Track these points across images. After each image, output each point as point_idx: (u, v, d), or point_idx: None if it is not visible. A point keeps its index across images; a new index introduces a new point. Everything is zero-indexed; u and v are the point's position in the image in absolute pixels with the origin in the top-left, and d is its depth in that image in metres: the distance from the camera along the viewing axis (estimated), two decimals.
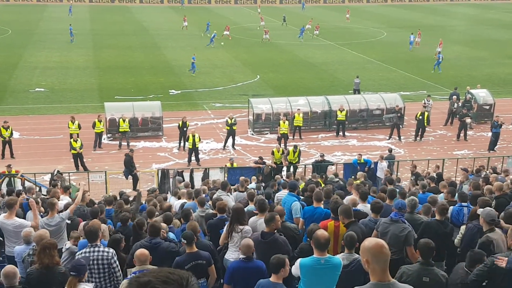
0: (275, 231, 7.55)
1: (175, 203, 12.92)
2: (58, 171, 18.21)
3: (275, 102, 28.48)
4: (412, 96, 34.16)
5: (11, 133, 23.02)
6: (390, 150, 22.37)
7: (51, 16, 63.64)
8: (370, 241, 4.01)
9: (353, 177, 18.23)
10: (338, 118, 27.09)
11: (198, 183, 18.33)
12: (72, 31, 48.43)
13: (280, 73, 39.31)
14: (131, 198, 14.47)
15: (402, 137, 27.01)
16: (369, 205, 9.03)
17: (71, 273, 5.60)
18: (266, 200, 9.19)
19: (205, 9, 74.94)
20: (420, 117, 26.60)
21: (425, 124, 26.87)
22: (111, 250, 7.13)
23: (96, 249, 7.04)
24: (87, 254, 6.95)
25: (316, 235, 6.02)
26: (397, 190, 10.98)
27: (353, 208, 8.52)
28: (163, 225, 8.45)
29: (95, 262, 6.95)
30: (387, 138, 27.05)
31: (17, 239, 8.83)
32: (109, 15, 66.02)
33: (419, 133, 26.93)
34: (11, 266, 6.54)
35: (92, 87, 34.30)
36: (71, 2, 71.03)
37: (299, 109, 27.03)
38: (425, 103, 28.86)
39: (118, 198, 14.44)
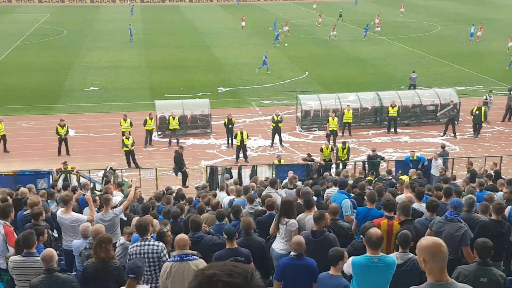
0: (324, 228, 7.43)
1: (224, 200, 12.93)
2: (111, 167, 18.64)
3: (324, 99, 28.10)
4: (468, 91, 32.95)
5: (67, 131, 23.76)
6: (443, 147, 21.61)
7: (104, 16, 65.46)
8: (427, 240, 3.82)
9: (400, 171, 17.74)
10: (389, 114, 26.43)
11: (246, 180, 18.30)
12: (132, 31, 49.38)
13: (329, 69, 38.82)
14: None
15: (457, 134, 26.07)
16: (424, 204, 8.69)
17: (129, 275, 5.66)
18: (313, 197, 9.03)
19: (255, 6, 75.02)
20: (477, 112, 25.57)
21: (482, 119, 25.81)
22: (161, 244, 7.20)
23: (147, 242, 7.12)
24: (138, 248, 7.03)
25: (369, 233, 5.83)
26: (453, 188, 10.52)
27: None
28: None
29: (146, 255, 7.04)
30: (442, 134, 26.18)
31: (74, 233, 9.05)
32: (160, 14, 67.24)
33: (476, 129, 25.91)
34: (49, 249, 6.78)
35: (143, 86, 34.99)
36: (132, 3, 72.75)
37: (348, 105, 26.57)
38: (486, 99, 27.73)
39: (165, 193, 14.64)
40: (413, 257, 6.25)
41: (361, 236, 7.47)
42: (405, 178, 16.17)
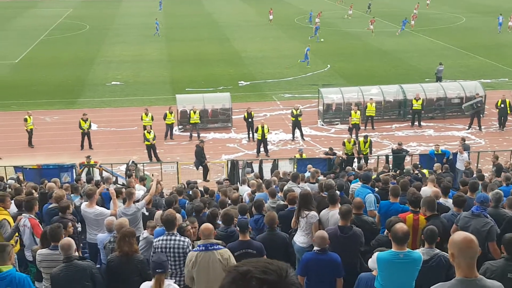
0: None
1: (244, 194, 12.87)
2: (133, 161, 18.73)
3: (346, 92, 27.80)
4: (493, 84, 32.26)
5: (90, 125, 23.98)
6: (464, 140, 21.15)
7: (126, 11, 65.85)
8: (459, 235, 3.72)
9: (420, 165, 17.43)
10: (413, 108, 26.02)
11: (267, 174, 18.22)
12: (158, 26, 49.33)
13: (351, 62, 38.40)
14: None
15: (482, 127, 25.55)
16: (450, 200, 8.48)
17: (157, 270, 5.67)
18: (337, 192, 8.90)
19: None
20: (502, 105, 25.01)
21: (508, 112, 25.24)
22: (187, 239, 7.19)
23: (173, 237, 7.12)
24: (164, 242, 7.03)
25: (395, 228, 5.71)
26: (479, 182, 10.27)
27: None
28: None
29: (171, 250, 7.04)
30: (467, 128, 25.69)
31: (98, 227, 9.11)
32: (181, 8, 67.36)
33: (502, 122, 25.36)
34: (67, 238, 6.90)
35: (164, 80, 35.11)
36: None
37: (371, 98, 26.23)
38: None
39: (186, 187, 14.66)
40: (439, 253, 6.10)
41: (386, 230, 7.34)
42: (426, 172, 15.92)
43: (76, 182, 14.42)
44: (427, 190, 10.19)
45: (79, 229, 10.03)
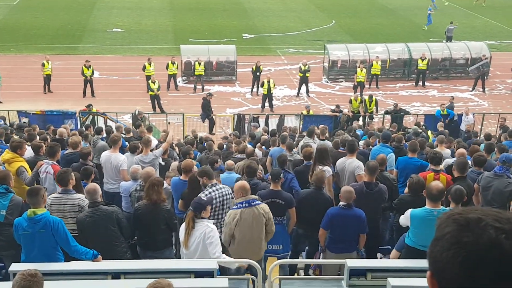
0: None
1: (256, 149, 12.87)
2: (138, 111, 18.62)
3: (352, 49, 27.46)
4: (498, 46, 31.99)
5: (93, 72, 23.65)
6: (453, 98, 21.12)
7: None
8: None
9: (424, 125, 17.46)
10: (418, 67, 25.82)
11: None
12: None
13: (357, 19, 37.80)
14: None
15: (486, 89, 25.50)
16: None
17: (190, 208, 5.78)
18: (356, 141, 8.98)
19: None
20: None
21: None
22: (229, 188, 7.16)
23: (218, 187, 7.03)
24: (212, 194, 6.92)
25: (430, 186, 5.78)
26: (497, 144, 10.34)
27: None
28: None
29: (220, 200, 6.97)
30: (470, 89, 25.63)
31: (118, 175, 9.10)
32: None
33: None
34: (93, 183, 6.95)
35: (167, 29, 34.48)
36: None
37: (377, 56, 25.96)
38: None
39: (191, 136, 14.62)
40: None
41: (407, 189, 7.41)
42: (429, 133, 16.02)
43: (86, 129, 14.34)
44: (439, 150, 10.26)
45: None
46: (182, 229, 5.91)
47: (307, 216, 7.21)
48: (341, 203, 6.71)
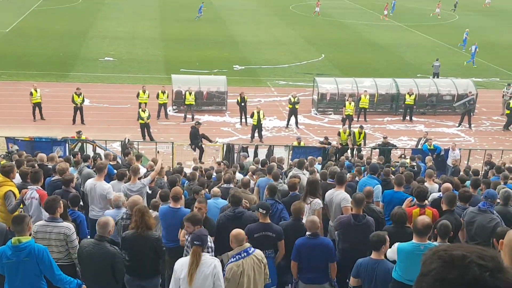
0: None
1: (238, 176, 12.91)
2: (128, 139, 18.62)
3: (340, 82, 27.90)
4: (485, 83, 32.63)
5: (83, 100, 23.72)
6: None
7: None
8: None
9: (403, 155, 17.66)
10: (406, 102, 26.24)
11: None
12: (201, 9, 47.85)
13: (346, 53, 38.48)
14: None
15: (472, 125, 25.90)
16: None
17: (194, 242, 5.61)
18: (345, 173, 9.04)
19: None
20: None
21: None
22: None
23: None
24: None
25: (416, 220, 5.83)
26: (481, 180, 10.48)
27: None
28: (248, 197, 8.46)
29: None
30: (457, 125, 26.02)
31: (102, 202, 9.06)
32: None
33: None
34: (108, 217, 6.69)
35: (158, 59, 34.80)
36: None
37: (365, 90, 26.36)
38: (504, 92, 27.47)
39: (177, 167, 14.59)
40: None
41: (391, 222, 7.46)
42: (408, 161, 16.37)
43: (74, 157, 14.28)
44: (427, 185, 10.37)
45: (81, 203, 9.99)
46: (184, 264, 5.64)
47: (287, 248, 7.22)
48: (307, 233, 6.73)
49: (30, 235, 6.06)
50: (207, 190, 10.54)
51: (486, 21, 53.93)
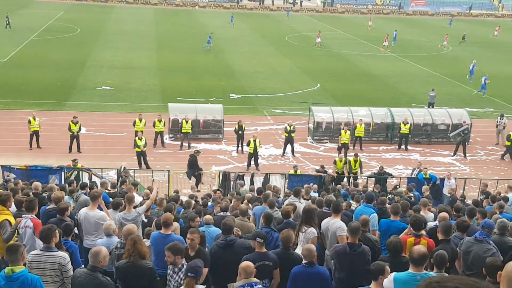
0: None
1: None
2: (124, 167, 18.62)
3: (336, 111, 28.13)
4: (479, 113, 32.94)
5: (80, 128, 23.78)
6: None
7: (117, 17, 65.80)
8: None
9: (397, 186, 17.68)
10: (401, 131, 26.42)
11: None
12: (210, 39, 48.29)
13: (341, 83, 38.89)
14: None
15: (467, 154, 26.03)
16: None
17: (188, 274, 5.56)
18: (341, 202, 9.04)
19: (266, 16, 75.33)
20: None
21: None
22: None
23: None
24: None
25: (412, 250, 5.83)
26: (478, 209, 10.49)
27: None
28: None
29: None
30: (452, 154, 26.15)
31: (97, 231, 9.01)
32: (174, 18, 67.56)
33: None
34: (101, 247, 6.66)
35: (155, 88, 35.06)
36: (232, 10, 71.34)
37: (361, 119, 26.57)
38: (498, 122, 27.72)
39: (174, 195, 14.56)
40: None
41: (387, 251, 7.45)
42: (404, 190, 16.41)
43: (69, 185, 14.27)
44: (423, 214, 10.38)
45: (76, 232, 9.94)
46: None
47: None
48: (303, 261, 6.70)
49: (24, 264, 6.02)
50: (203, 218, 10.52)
51: (478, 51, 54.75)
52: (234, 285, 5.92)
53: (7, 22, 51.18)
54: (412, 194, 15.14)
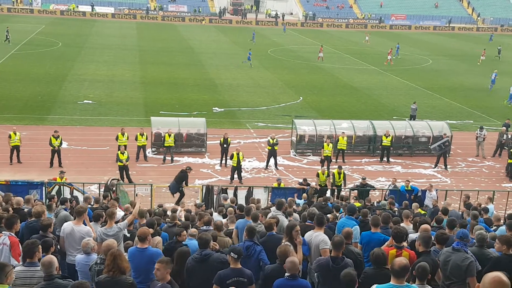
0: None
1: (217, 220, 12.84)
2: (113, 178, 18.50)
3: (319, 124, 28.31)
4: (458, 125, 33.43)
5: (61, 143, 23.55)
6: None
7: (100, 31, 65.60)
8: (493, 274, 3.84)
9: (378, 200, 17.81)
10: (383, 144, 26.67)
11: (241, 201, 18.18)
12: (250, 56, 48.53)
13: (323, 96, 39.20)
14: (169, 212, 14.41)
15: (448, 166, 26.35)
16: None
17: None
18: (325, 216, 9.07)
19: (251, 30, 75.82)
20: None
21: None
22: None
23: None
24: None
25: (394, 262, 5.86)
26: (457, 220, 10.62)
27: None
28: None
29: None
30: (433, 166, 26.45)
31: (81, 247, 8.91)
32: (156, 32, 67.58)
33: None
34: (49, 256, 6.77)
35: (138, 102, 34.94)
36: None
37: (343, 132, 26.77)
38: (477, 134, 28.15)
39: (157, 209, 14.50)
40: None
41: (371, 263, 7.48)
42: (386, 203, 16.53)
43: (50, 200, 14.09)
44: (404, 226, 10.46)
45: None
46: None
47: None
48: (286, 274, 6.71)
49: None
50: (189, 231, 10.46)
51: (459, 64, 55.74)
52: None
53: (7, 36, 51.42)
54: (396, 208, 15.24)
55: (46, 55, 47.94)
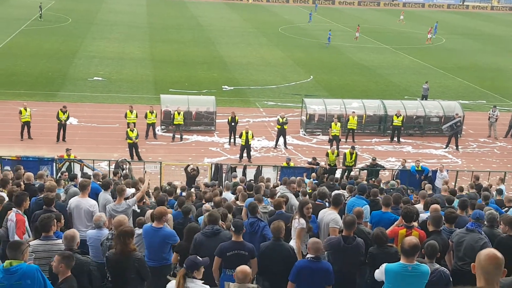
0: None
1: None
2: (125, 159, 18.59)
3: (329, 104, 28.10)
4: (471, 105, 33.04)
5: (68, 117, 23.67)
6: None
7: (109, 7, 65.20)
8: (486, 250, 3.80)
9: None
10: (394, 124, 26.43)
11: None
12: (330, 37, 48.48)
13: (334, 75, 38.84)
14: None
15: (460, 147, 26.12)
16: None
17: (184, 265, 5.65)
18: (342, 195, 9.01)
19: (262, 7, 75.02)
20: None
21: None
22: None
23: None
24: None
25: (404, 241, 5.83)
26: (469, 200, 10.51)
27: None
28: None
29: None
30: (444, 146, 26.22)
31: (89, 221, 8.95)
32: (166, 9, 67.05)
33: None
34: (72, 230, 6.90)
35: (148, 79, 34.84)
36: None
37: (353, 111, 26.54)
38: (490, 114, 27.81)
39: (167, 187, 14.51)
40: (439, 268, 6.21)
41: (374, 243, 7.43)
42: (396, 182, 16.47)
43: (60, 175, 14.17)
44: (420, 206, 10.41)
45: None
46: (172, 286, 5.69)
47: (270, 269, 7.16)
48: (309, 255, 6.67)
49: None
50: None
51: (473, 44, 54.88)
52: (230, 285, 5.90)
53: (40, 13, 51.72)
54: (400, 186, 15.12)
55: (56, 31, 47.79)
